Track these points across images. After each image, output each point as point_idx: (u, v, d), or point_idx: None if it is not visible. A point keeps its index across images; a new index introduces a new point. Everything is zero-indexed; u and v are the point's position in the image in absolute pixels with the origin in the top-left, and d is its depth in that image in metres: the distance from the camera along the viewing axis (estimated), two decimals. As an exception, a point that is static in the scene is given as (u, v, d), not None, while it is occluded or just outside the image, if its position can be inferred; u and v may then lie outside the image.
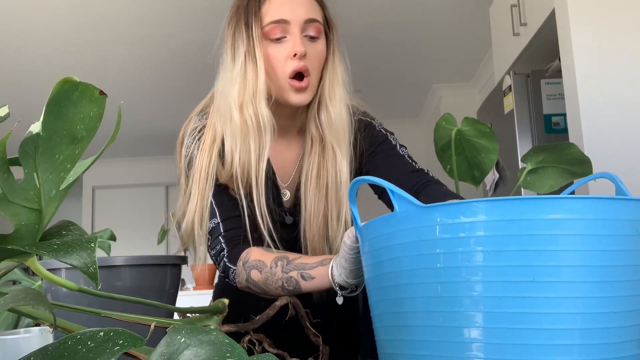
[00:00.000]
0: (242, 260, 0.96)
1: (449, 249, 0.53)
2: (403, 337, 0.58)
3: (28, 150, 0.49)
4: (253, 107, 0.98)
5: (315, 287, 0.87)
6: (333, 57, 1.05)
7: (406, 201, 0.58)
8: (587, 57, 1.92)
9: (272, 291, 0.93)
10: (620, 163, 1.83)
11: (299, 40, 0.98)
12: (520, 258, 0.51)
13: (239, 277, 0.97)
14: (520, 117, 2.39)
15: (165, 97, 4.51)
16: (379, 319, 0.64)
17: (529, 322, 0.50)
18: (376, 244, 0.62)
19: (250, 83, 0.99)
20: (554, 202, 0.51)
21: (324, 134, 1.04)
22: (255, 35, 0.99)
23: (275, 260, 0.92)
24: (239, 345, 0.40)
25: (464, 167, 1.24)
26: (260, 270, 0.93)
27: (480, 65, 4.13)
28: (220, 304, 0.77)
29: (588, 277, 0.51)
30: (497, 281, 0.51)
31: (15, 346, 0.60)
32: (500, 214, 0.52)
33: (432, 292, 0.55)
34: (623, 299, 0.52)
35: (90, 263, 0.45)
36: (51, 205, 0.53)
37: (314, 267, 0.87)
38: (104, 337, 0.39)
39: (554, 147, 1.13)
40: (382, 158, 1.08)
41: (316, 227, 1.04)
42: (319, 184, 1.04)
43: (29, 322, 0.90)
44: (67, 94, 0.49)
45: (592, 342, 0.50)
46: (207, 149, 1.02)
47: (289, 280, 0.89)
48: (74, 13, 3.16)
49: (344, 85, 1.06)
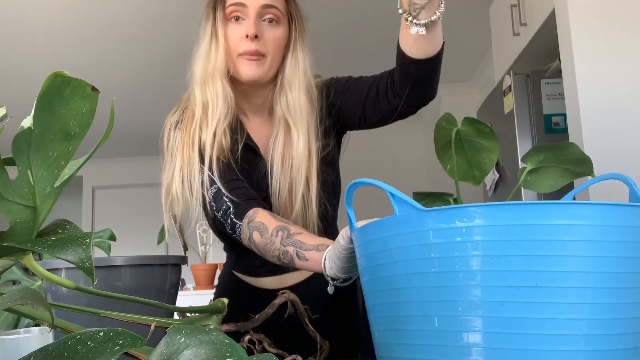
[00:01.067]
0: (247, 218, 1.00)
1: (447, 253, 0.53)
2: (400, 341, 0.58)
3: (21, 147, 0.49)
4: (212, 81, 1.08)
5: (308, 268, 0.90)
6: (294, 44, 1.13)
7: (407, 204, 0.56)
8: (587, 57, 1.92)
9: (269, 258, 0.97)
10: (620, 163, 1.83)
11: (252, 22, 1.06)
12: (523, 263, 0.50)
13: (243, 233, 1.00)
14: (520, 117, 2.39)
15: (166, 97, 4.50)
16: (375, 322, 0.63)
17: (531, 328, 0.50)
18: (373, 247, 0.62)
19: (211, 60, 1.09)
20: (559, 208, 0.50)
21: (286, 115, 1.12)
22: (219, 16, 1.09)
23: (276, 229, 0.94)
24: (238, 345, 0.40)
25: (464, 167, 1.24)
26: (262, 234, 0.96)
27: (480, 65, 4.13)
28: (220, 304, 0.77)
29: (592, 284, 0.50)
30: (498, 286, 0.51)
31: (15, 346, 0.60)
32: (503, 218, 0.51)
33: (430, 296, 0.54)
34: (627, 306, 0.51)
35: (86, 258, 0.45)
36: (46, 203, 0.52)
37: (310, 250, 0.89)
38: (104, 337, 0.39)
39: (554, 147, 1.12)
40: (354, 92, 1.15)
41: (283, 198, 1.11)
42: (283, 161, 1.11)
43: (28, 322, 0.90)
44: (59, 89, 0.49)
45: (596, 348, 0.50)
46: (187, 124, 1.10)
47: (285, 253, 0.92)
48: (71, 12, 3.16)
49: (304, 73, 1.13)
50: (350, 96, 1.15)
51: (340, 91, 1.16)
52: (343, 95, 1.16)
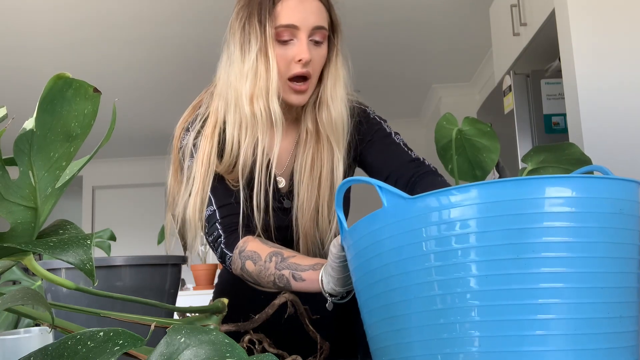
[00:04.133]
0: (238, 249, 0.98)
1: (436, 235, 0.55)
2: (394, 328, 0.60)
3: (23, 148, 0.48)
4: (264, 102, 1.01)
5: (306, 289, 0.88)
6: (336, 59, 1.08)
7: (394, 195, 0.59)
8: (587, 57, 1.92)
9: (264, 284, 0.95)
10: (620, 163, 1.83)
11: (306, 47, 1.00)
12: (505, 237, 0.53)
13: (235, 264, 0.99)
14: (520, 117, 2.39)
15: (166, 97, 4.51)
16: (368, 316, 0.65)
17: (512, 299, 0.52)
18: (362, 243, 0.63)
19: (262, 80, 1.01)
20: (537, 182, 0.53)
21: (321, 130, 1.07)
22: (269, 35, 1.00)
23: (270, 255, 0.93)
24: (238, 345, 0.40)
25: (465, 167, 1.24)
26: (255, 262, 0.94)
27: (480, 65, 4.13)
28: (220, 304, 0.77)
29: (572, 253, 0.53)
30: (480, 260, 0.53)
31: (15, 346, 0.60)
32: (485, 196, 0.54)
33: (422, 278, 0.56)
34: (608, 275, 0.54)
35: (87, 260, 0.45)
36: (47, 204, 0.52)
37: (306, 270, 0.88)
38: (104, 337, 0.39)
39: (554, 147, 1.12)
40: (379, 147, 1.11)
41: (308, 214, 1.07)
42: (312, 175, 1.07)
43: (29, 322, 0.90)
44: (61, 91, 0.49)
45: (580, 316, 0.52)
46: (209, 134, 1.05)
47: (281, 277, 0.90)
48: (73, 12, 3.16)
49: (345, 87, 1.08)
50: (368, 160, 1.11)
51: (365, 142, 1.12)
52: (365, 149, 1.12)
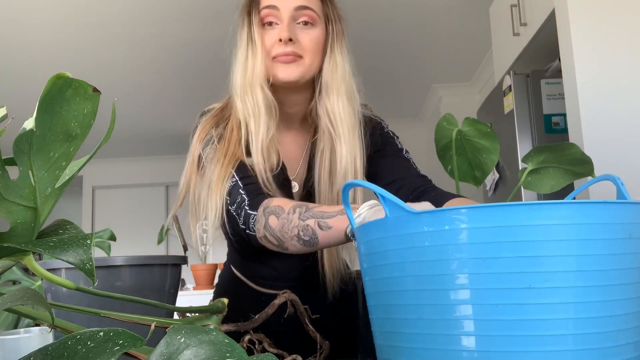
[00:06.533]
0: (263, 207, 0.94)
1: (439, 256, 0.52)
2: (396, 344, 0.58)
3: (22, 148, 0.49)
4: (252, 90, 1.03)
5: (331, 238, 0.84)
6: (332, 47, 1.08)
7: (397, 207, 0.56)
8: (587, 57, 1.92)
9: (288, 241, 0.89)
10: (620, 163, 1.83)
11: (285, 26, 1.02)
12: (514, 265, 0.50)
13: (258, 223, 0.94)
14: (520, 117, 2.39)
15: (166, 97, 4.51)
16: (375, 323, 0.64)
17: (524, 329, 0.50)
18: (371, 248, 0.62)
19: (249, 67, 1.04)
20: (546, 208, 0.50)
21: (329, 125, 1.07)
22: (254, 21, 1.04)
23: (293, 207, 0.89)
24: (238, 345, 0.40)
25: (465, 168, 1.24)
26: (278, 215, 0.90)
27: (480, 65, 4.13)
28: (220, 304, 0.77)
29: (582, 282, 0.50)
30: (488, 288, 0.51)
31: (15, 346, 0.60)
32: (491, 220, 0.51)
33: (423, 299, 0.54)
34: (618, 303, 0.51)
35: (87, 260, 0.45)
36: (47, 203, 0.52)
37: (333, 216, 0.83)
38: (104, 337, 0.39)
39: (555, 148, 1.12)
40: (390, 159, 1.12)
41: None
42: (331, 179, 1.07)
43: (29, 322, 0.90)
44: (61, 91, 0.49)
45: (588, 347, 0.50)
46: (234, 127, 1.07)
47: (306, 228, 0.86)
48: (74, 13, 3.16)
49: (344, 77, 1.08)
50: (377, 170, 1.12)
51: (375, 153, 1.13)
52: (375, 160, 1.12)
